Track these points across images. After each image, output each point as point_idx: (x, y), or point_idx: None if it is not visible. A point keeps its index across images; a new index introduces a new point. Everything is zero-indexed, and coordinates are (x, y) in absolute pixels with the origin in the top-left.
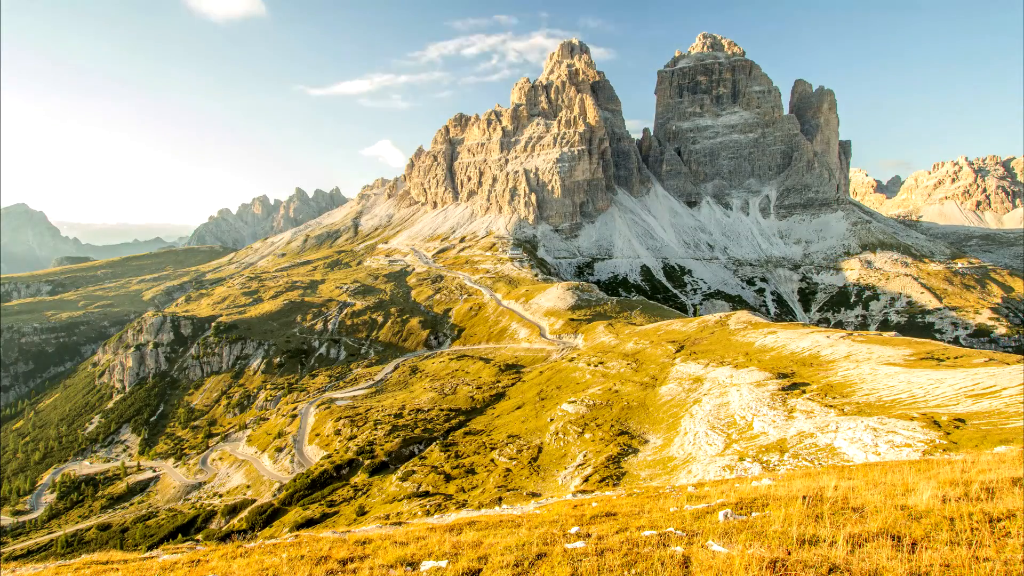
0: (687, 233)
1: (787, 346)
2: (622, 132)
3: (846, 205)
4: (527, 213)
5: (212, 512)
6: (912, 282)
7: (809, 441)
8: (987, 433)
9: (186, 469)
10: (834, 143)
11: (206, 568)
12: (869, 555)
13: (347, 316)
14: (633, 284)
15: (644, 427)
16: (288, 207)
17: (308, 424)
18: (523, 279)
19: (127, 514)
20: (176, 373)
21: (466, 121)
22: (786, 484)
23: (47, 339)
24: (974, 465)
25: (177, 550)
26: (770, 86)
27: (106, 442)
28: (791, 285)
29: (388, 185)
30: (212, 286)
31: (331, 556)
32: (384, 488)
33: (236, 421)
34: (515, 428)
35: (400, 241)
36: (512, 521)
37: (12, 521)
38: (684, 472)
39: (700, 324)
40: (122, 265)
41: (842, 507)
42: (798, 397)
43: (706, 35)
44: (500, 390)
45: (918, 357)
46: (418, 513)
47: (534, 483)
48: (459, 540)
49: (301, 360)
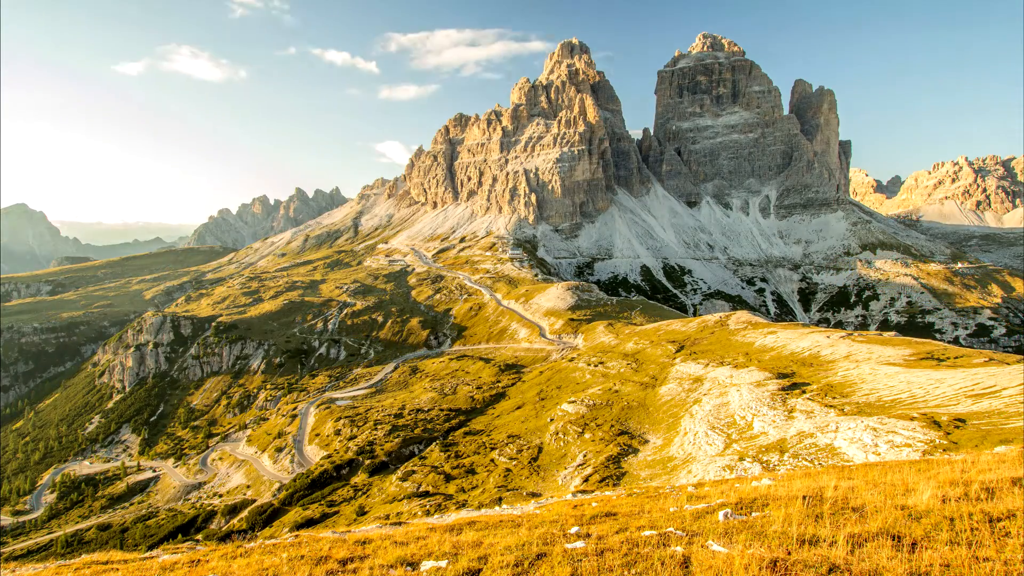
0: (687, 233)
1: (787, 346)
2: (622, 132)
3: (846, 205)
4: (527, 213)
5: (212, 512)
6: (912, 282)
7: (809, 441)
8: (987, 433)
9: (186, 469)
10: (834, 143)
11: (206, 568)
12: (869, 555)
13: (347, 316)
14: (633, 284)
15: (644, 427)
16: (288, 207)
17: (308, 424)
18: (523, 279)
19: (127, 514)
20: (176, 373)
21: (466, 121)
22: (786, 484)
23: (47, 339)
24: (974, 465)
25: (177, 550)
26: (770, 86)
27: (106, 442)
28: (791, 285)
29: (388, 185)
30: (212, 286)
31: (331, 556)
32: (384, 488)
33: (236, 421)
34: (515, 428)
35: (400, 241)
36: (512, 521)
37: (12, 521)
38: (684, 472)
39: (700, 324)
40: (122, 265)
41: (842, 507)
42: (798, 397)
43: (706, 35)
44: (500, 390)
45: (918, 357)
46: (418, 513)
47: (534, 483)
48: (459, 540)
49: (301, 360)
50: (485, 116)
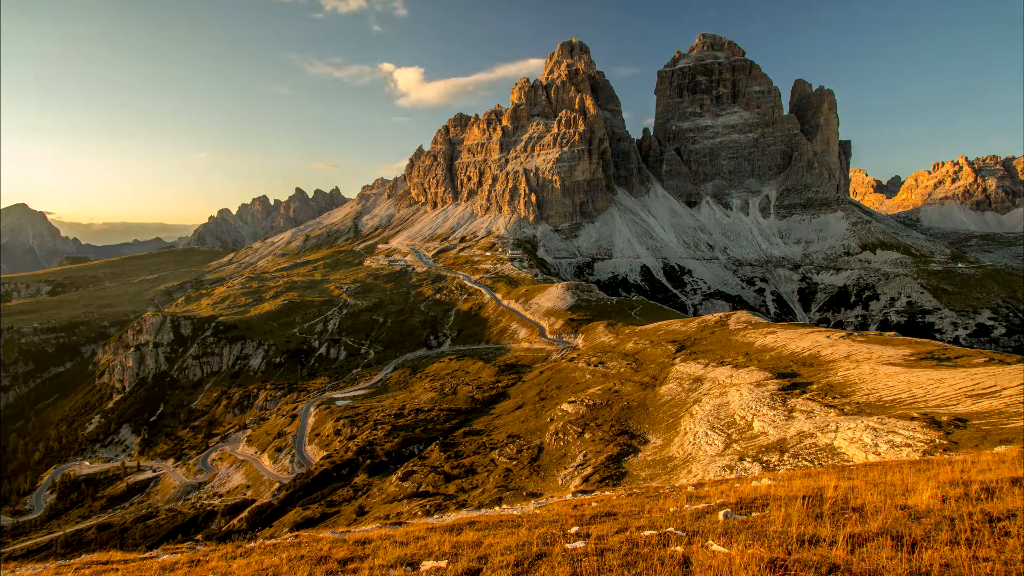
0: (687, 233)
1: (787, 346)
2: (622, 132)
3: (846, 205)
4: (527, 213)
5: (212, 512)
6: (912, 282)
7: (809, 441)
8: (987, 433)
9: (186, 469)
10: (834, 143)
11: (206, 568)
12: (869, 555)
13: (347, 316)
14: (633, 284)
15: (644, 427)
16: (288, 207)
17: (308, 424)
18: (523, 279)
19: (127, 514)
20: (176, 373)
21: (466, 121)
22: (786, 484)
23: (47, 339)
24: (974, 465)
25: (177, 550)
26: (770, 86)
27: (106, 442)
28: (791, 285)
29: (388, 185)
30: (212, 286)
31: (331, 556)
32: (384, 488)
33: (236, 421)
34: (515, 428)
35: (400, 241)
36: (512, 521)
37: (12, 521)
38: (684, 472)
39: (700, 324)
40: (122, 265)
41: (842, 507)
42: (798, 397)
43: (706, 35)
44: (500, 390)
45: (918, 357)
46: (418, 513)
47: (534, 483)
48: (459, 540)
49: (301, 360)
50: (485, 116)
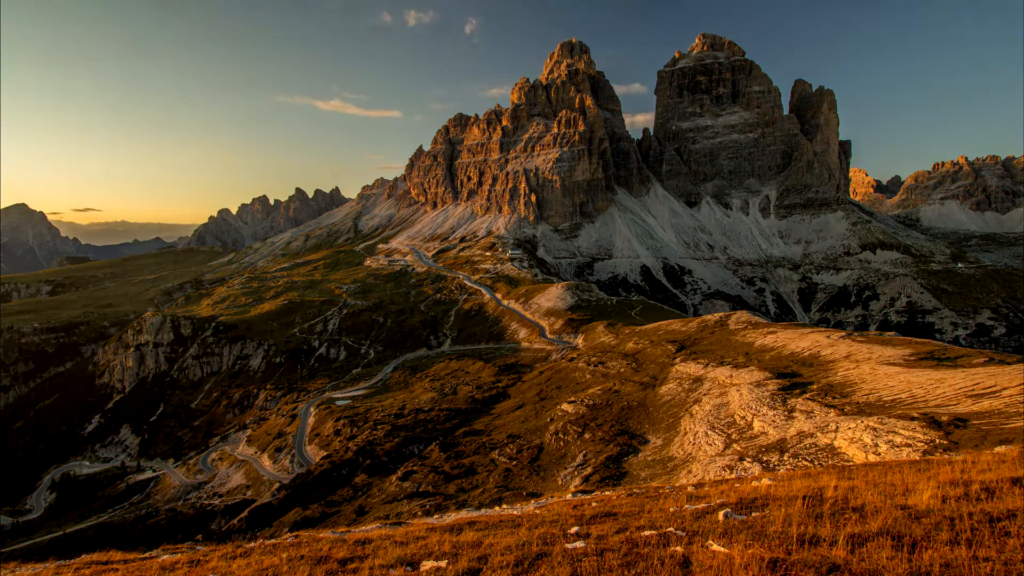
0: (687, 233)
1: (787, 346)
2: (622, 132)
3: (846, 205)
4: (527, 213)
5: (212, 512)
6: (912, 282)
7: (809, 441)
8: (987, 433)
9: (186, 469)
10: (834, 143)
11: (206, 568)
12: (869, 555)
13: (347, 316)
14: (633, 284)
15: (644, 427)
16: (288, 207)
17: (308, 424)
18: (523, 279)
19: (127, 514)
20: (176, 373)
21: (466, 121)
22: (786, 484)
23: (47, 339)
24: (974, 465)
25: (177, 550)
26: (770, 86)
27: (106, 442)
28: (791, 285)
29: (388, 185)
30: (212, 286)
31: (331, 556)
32: (384, 488)
33: (236, 421)
34: (515, 428)
35: (400, 241)
36: (512, 521)
37: (12, 521)
38: (684, 472)
39: (700, 324)
40: (122, 265)
41: (842, 507)
42: (798, 397)
43: (706, 35)
44: (500, 390)
45: (918, 357)
46: (418, 513)
47: (534, 483)
48: (459, 540)
49: (301, 360)
50: (485, 116)
